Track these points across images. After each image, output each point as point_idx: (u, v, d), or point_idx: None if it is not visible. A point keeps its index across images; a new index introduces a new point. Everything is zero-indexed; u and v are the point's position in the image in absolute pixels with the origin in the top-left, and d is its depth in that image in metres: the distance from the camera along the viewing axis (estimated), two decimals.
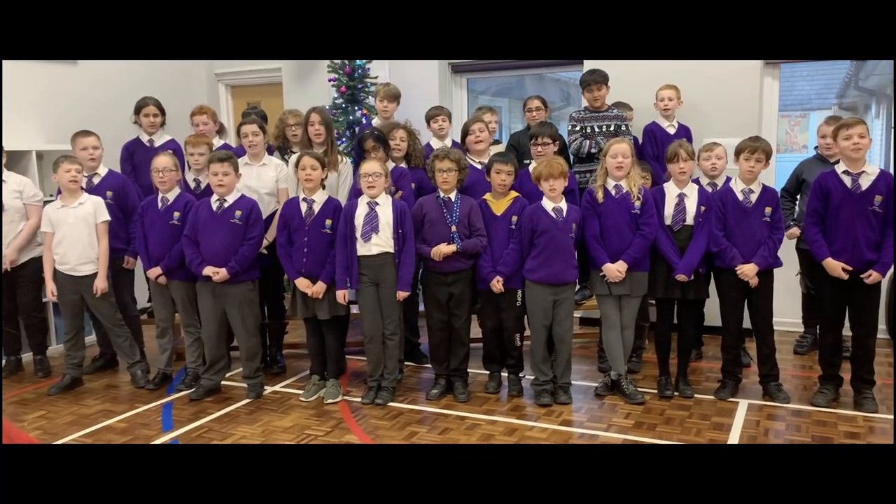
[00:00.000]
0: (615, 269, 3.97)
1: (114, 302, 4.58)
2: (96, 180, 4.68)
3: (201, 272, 4.15)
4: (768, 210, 3.96)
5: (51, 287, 4.47)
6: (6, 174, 4.70)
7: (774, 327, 4.14)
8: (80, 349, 4.61)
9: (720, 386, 4.21)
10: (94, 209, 4.43)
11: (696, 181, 4.38)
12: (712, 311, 4.64)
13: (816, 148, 4.74)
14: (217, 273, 4.11)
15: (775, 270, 4.06)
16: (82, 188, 4.56)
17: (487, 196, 4.18)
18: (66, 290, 4.47)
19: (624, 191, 3.99)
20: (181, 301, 4.43)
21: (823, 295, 4.01)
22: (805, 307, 5.03)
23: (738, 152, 4.00)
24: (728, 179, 4.30)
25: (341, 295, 4.09)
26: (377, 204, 4.03)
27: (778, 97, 5.53)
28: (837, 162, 4.43)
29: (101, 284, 4.43)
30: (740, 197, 3.98)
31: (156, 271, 4.37)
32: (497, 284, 4.07)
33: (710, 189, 4.37)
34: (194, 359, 4.52)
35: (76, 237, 4.39)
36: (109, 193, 4.65)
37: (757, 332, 4.10)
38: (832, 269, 3.81)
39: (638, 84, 5.20)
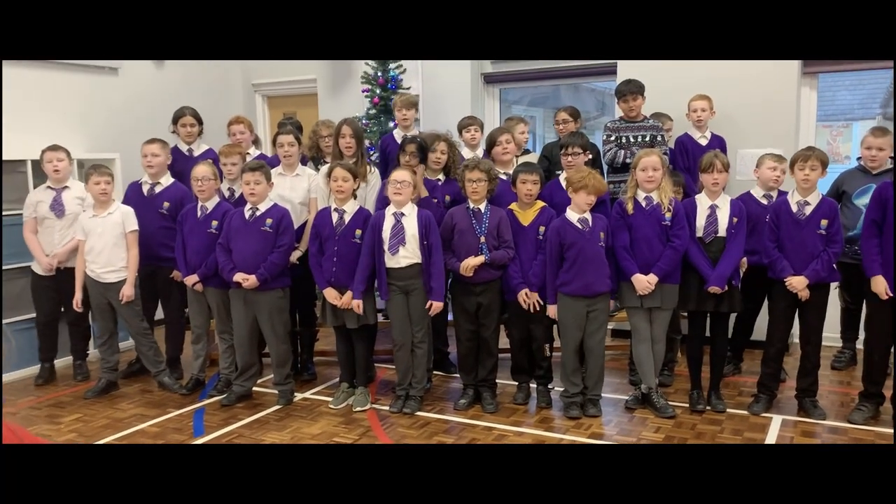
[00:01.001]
0: (645, 281, 3.92)
1: (139, 311, 4.65)
2: (158, 189, 4.76)
3: (232, 279, 4.21)
4: (824, 222, 3.84)
5: (78, 297, 4.58)
6: (71, 181, 4.86)
7: None
8: (113, 353, 4.70)
9: (754, 400, 4.13)
10: (123, 219, 4.52)
11: (748, 194, 4.34)
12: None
13: (859, 159, 4.63)
14: (247, 280, 4.17)
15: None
16: (143, 195, 4.72)
17: (514, 206, 4.17)
18: (95, 295, 4.58)
19: (654, 202, 3.95)
20: (216, 308, 4.50)
21: (873, 310, 3.89)
22: (844, 321, 4.91)
23: (792, 163, 3.93)
24: (782, 194, 4.24)
25: (356, 304, 4.11)
26: (403, 215, 4.05)
27: (816, 107, 5.43)
28: (882, 173, 4.36)
29: (127, 292, 4.51)
30: (794, 209, 3.90)
31: (192, 279, 4.45)
32: (524, 297, 4.05)
33: (765, 201, 4.30)
34: (227, 365, 4.58)
35: (103, 245, 4.49)
36: (166, 205, 4.72)
37: (804, 347, 4.01)
38: (877, 287, 3.73)
39: (673, 94, 5.15)
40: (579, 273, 3.94)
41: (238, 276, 4.19)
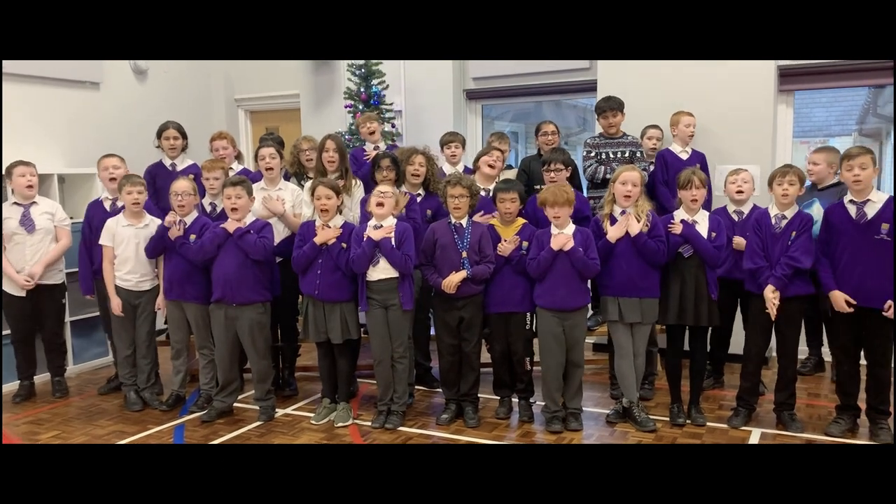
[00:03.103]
0: (624, 221, 3.93)
1: (154, 327, 4.66)
2: (120, 204, 4.72)
3: (219, 227, 4.18)
4: (793, 234, 3.89)
5: (117, 302, 4.55)
6: (39, 197, 4.83)
7: None
8: (132, 366, 4.68)
9: (733, 414, 4.16)
10: None
11: (724, 208, 4.41)
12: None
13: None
14: (233, 224, 4.15)
15: None
16: (107, 212, 4.69)
17: (495, 222, 4.20)
18: (124, 305, 4.55)
19: None
20: (195, 323, 4.47)
21: (834, 322, 3.95)
22: (807, 329, 5.00)
23: (770, 180, 4.00)
24: (755, 208, 4.33)
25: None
26: (382, 227, 4.05)
27: (792, 124, 5.54)
28: (827, 188, 4.53)
29: (161, 302, 4.58)
30: (773, 222, 3.96)
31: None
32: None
33: (735, 217, 4.37)
34: (207, 381, 4.55)
35: (140, 256, 4.52)
36: None
37: (780, 360, 4.04)
38: (836, 302, 3.80)
39: (652, 110, 5.22)
40: (552, 287, 3.98)
41: (228, 223, 4.16)
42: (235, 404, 4.56)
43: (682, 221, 3.97)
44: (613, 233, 3.96)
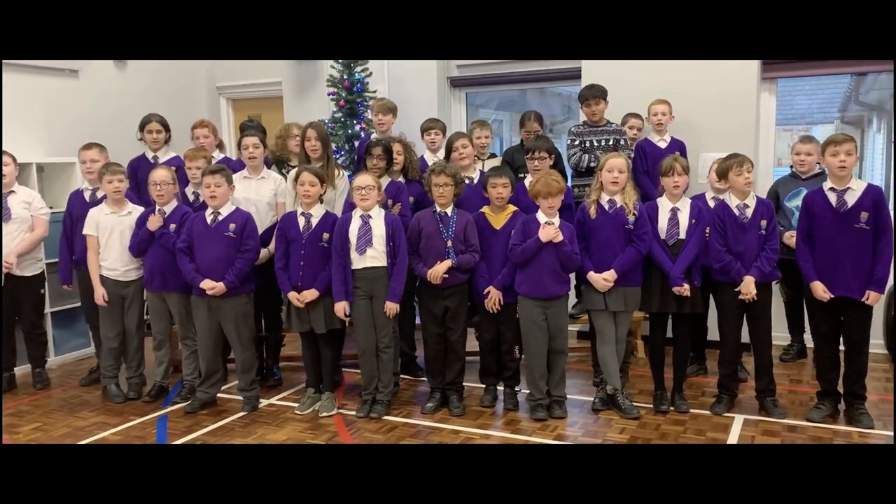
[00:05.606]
0: (601, 279, 3.96)
1: (143, 313, 4.62)
2: (100, 195, 4.68)
3: (198, 284, 4.16)
4: (763, 223, 3.95)
5: (101, 291, 4.50)
6: (17, 186, 4.77)
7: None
8: (119, 354, 4.65)
9: (716, 401, 4.19)
10: None
11: (702, 195, 4.42)
12: (712, 325, 4.66)
13: (792, 166, 4.81)
14: (214, 287, 4.12)
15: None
16: (86, 202, 4.66)
17: (486, 209, 4.19)
18: (110, 296, 4.51)
19: (618, 205, 3.99)
20: (178, 314, 4.45)
21: (814, 310, 4.00)
22: (789, 316, 5.05)
23: (726, 171, 4.00)
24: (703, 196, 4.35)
25: (340, 308, 4.09)
26: (370, 217, 4.05)
27: (775, 112, 5.56)
28: (811, 178, 4.58)
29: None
30: (736, 212, 3.97)
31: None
32: (491, 302, 4.08)
33: (712, 203, 4.38)
34: (190, 371, 4.52)
35: (125, 245, 4.47)
36: None
37: (756, 346, 4.09)
38: (816, 292, 3.83)
39: (635, 99, 5.20)
40: (534, 275, 3.97)
41: (205, 284, 4.14)
42: (219, 395, 4.54)
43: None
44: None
